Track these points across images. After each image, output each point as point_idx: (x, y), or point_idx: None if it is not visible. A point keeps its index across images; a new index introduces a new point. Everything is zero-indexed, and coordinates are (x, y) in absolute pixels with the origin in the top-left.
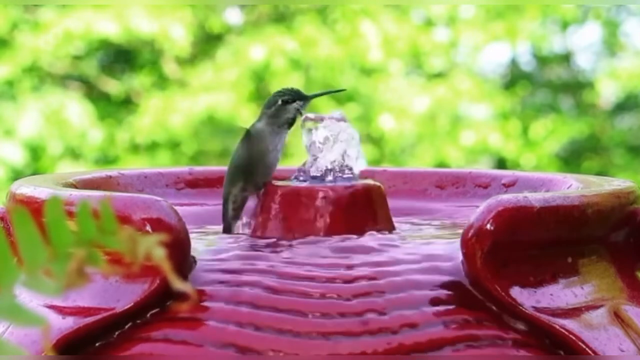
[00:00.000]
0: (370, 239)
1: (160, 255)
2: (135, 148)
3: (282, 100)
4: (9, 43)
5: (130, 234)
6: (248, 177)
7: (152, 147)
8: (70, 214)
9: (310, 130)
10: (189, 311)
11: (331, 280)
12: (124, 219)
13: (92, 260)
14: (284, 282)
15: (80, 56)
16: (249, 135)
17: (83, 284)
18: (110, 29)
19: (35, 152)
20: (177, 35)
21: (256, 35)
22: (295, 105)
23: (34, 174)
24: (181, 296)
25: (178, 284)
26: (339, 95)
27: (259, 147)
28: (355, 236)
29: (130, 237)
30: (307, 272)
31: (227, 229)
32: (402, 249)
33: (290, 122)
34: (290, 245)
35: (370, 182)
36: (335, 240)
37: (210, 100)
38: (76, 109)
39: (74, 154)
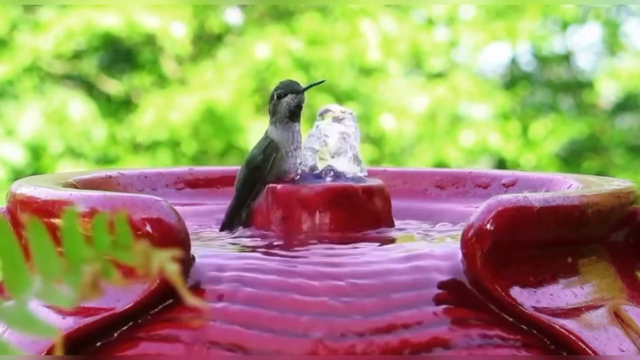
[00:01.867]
0: (370, 238)
1: (173, 270)
2: (135, 147)
3: (277, 95)
4: (8, 43)
5: (143, 248)
6: (258, 176)
7: (153, 147)
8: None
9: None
10: (190, 311)
11: (331, 279)
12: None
13: (105, 272)
14: (283, 282)
15: (80, 56)
16: (272, 146)
17: (97, 297)
18: (111, 21)
19: (36, 151)
20: (178, 32)
21: (256, 34)
22: (287, 99)
23: (35, 173)
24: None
25: (191, 300)
26: (339, 94)
27: (278, 155)
28: (355, 236)
29: (144, 252)
30: (306, 272)
31: (227, 226)
32: (402, 249)
33: (290, 116)
34: (290, 245)
35: (372, 182)
36: (335, 240)
37: (210, 97)
38: (78, 108)
39: (74, 153)
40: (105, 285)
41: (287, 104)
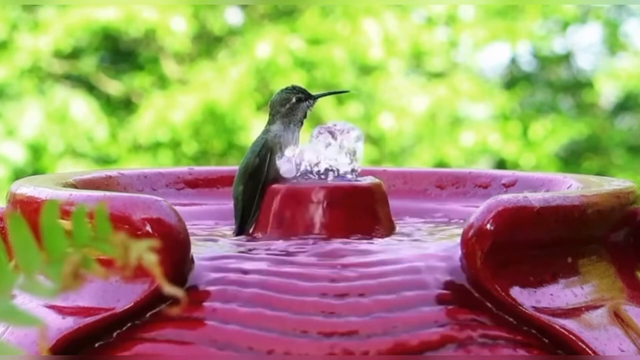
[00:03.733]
0: (369, 238)
1: (151, 260)
2: (136, 148)
3: (296, 98)
4: (8, 44)
5: (122, 239)
6: (258, 180)
7: (154, 147)
8: (70, 214)
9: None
10: (189, 311)
11: (331, 280)
12: (124, 219)
13: (85, 264)
14: (283, 282)
15: (80, 55)
16: (266, 147)
17: (78, 287)
18: (109, 14)
19: (37, 151)
20: (178, 27)
21: (257, 33)
22: (306, 103)
23: (35, 172)
24: (175, 299)
25: (168, 289)
26: (340, 94)
27: (275, 158)
28: (355, 235)
29: (122, 243)
30: (306, 272)
31: (240, 229)
32: (401, 249)
33: (302, 120)
34: (290, 245)
35: (370, 181)
36: (335, 240)
37: (210, 96)
38: (79, 108)
39: (75, 153)
40: (88, 277)
41: (306, 107)
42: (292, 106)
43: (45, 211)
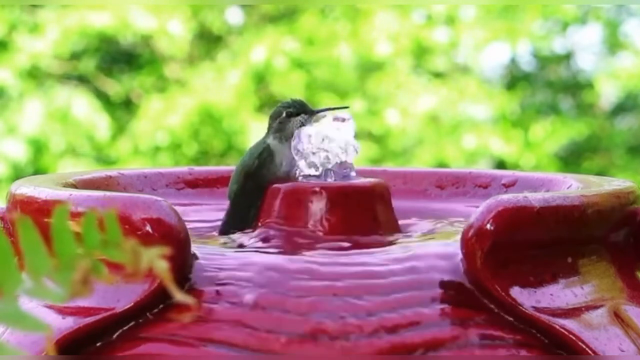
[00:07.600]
0: (370, 238)
1: (162, 267)
2: (136, 153)
3: (287, 113)
4: (8, 44)
5: (133, 246)
6: (254, 181)
7: (154, 151)
8: (70, 215)
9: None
10: (189, 310)
11: (331, 279)
12: (124, 219)
13: (95, 270)
14: (284, 282)
15: (79, 57)
16: (268, 151)
17: (87, 294)
18: (105, 20)
19: (38, 149)
20: (176, 32)
21: (257, 34)
22: (299, 118)
23: (36, 172)
24: (181, 302)
25: (179, 296)
26: (342, 92)
27: (274, 164)
28: (355, 235)
29: (133, 249)
30: (307, 272)
31: (224, 228)
32: (402, 249)
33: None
34: (290, 245)
35: (372, 180)
36: (335, 240)
37: (210, 98)
38: (81, 107)
39: (75, 152)
40: (97, 282)
41: (299, 122)
42: (283, 120)
43: (55, 216)
